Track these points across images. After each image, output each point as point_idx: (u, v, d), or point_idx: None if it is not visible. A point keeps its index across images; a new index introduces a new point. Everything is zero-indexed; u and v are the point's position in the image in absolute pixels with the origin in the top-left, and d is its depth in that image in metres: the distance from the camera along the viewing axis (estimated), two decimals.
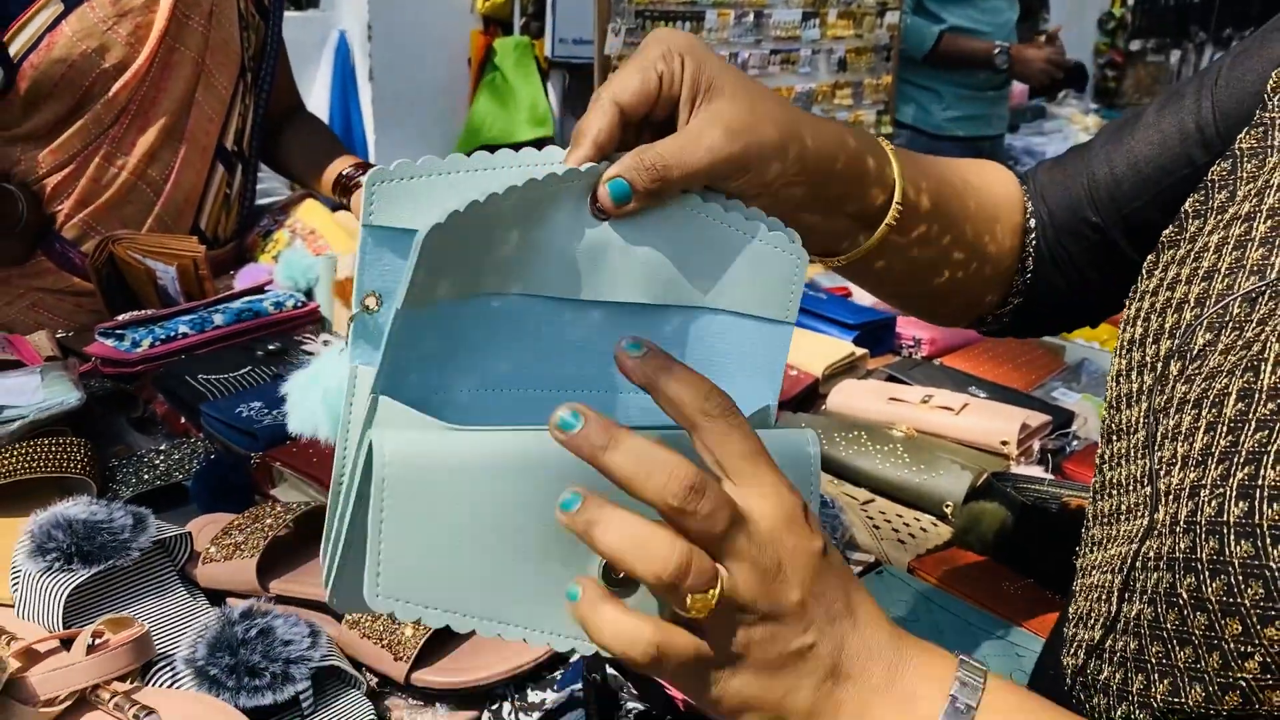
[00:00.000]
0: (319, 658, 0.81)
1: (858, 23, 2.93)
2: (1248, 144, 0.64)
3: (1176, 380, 0.58)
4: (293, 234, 1.71)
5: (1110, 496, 0.64)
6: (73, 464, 1.07)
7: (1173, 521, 0.53)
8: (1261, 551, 0.47)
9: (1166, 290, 0.63)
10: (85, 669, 0.75)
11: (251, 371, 1.30)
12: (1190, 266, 0.62)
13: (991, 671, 0.94)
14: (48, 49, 1.47)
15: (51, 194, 1.56)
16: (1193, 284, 0.61)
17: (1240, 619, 0.48)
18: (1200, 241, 0.62)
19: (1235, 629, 0.49)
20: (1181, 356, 0.59)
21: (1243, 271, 0.58)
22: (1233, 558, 0.49)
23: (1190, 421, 0.55)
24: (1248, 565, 0.48)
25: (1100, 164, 0.75)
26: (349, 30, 4.17)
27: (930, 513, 1.21)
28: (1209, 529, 0.50)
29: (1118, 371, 0.66)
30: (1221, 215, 0.62)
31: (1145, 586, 0.56)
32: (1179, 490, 0.54)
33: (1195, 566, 0.51)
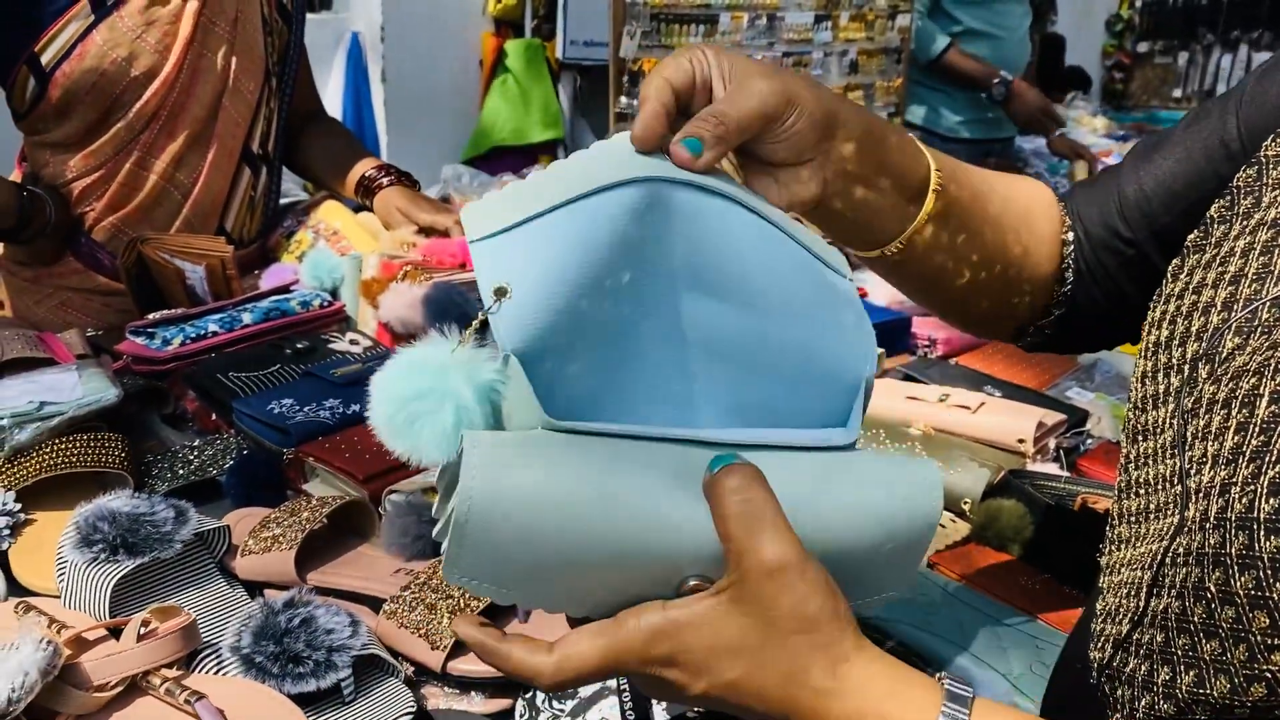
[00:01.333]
0: (360, 646, 0.84)
1: (869, 25, 2.95)
2: (1274, 151, 0.66)
3: (1205, 382, 0.60)
4: (315, 234, 1.73)
5: (1138, 496, 0.65)
6: (111, 459, 1.10)
7: (1202, 518, 0.55)
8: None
9: (1192, 294, 0.65)
10: (136, 655, 0.78)
11: (281, 369, 1.32)
12: (1216, 271, 0.64)
13: (1004, 671, 0.97)
14: (79, 58, 1.50)
15: (80, 196, 1.59)
16: (1219, 288, 0.63)
17: (1268, 612, 0.50)
18: (1226, 246, 0.64)
19: (1263, 622, 0.50)
20: (1210, 360, 0.60)
21: (1270, 277, 0.60)
22: (1262, 552, 0.50)
23: (1220, 422, 0.57)
24: (1276, 560, 0.49)
25: (1130, 182, 0.78)
26: (362, 32, 4.20)
27: (949, 509, 1.23)
28: (1239, 524, 0.52)
29: (1143, 373, 0.67)
30: (1247, 221, 0.64)
31: (1174, 581, 0.57)
32: (1209, 488, 0.55)
33: (1224, 561, 0.52)
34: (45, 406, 1.10)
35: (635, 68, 2.41)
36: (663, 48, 2.45)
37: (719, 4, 2.52)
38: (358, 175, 1.78)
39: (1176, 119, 3.81)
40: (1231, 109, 0.72)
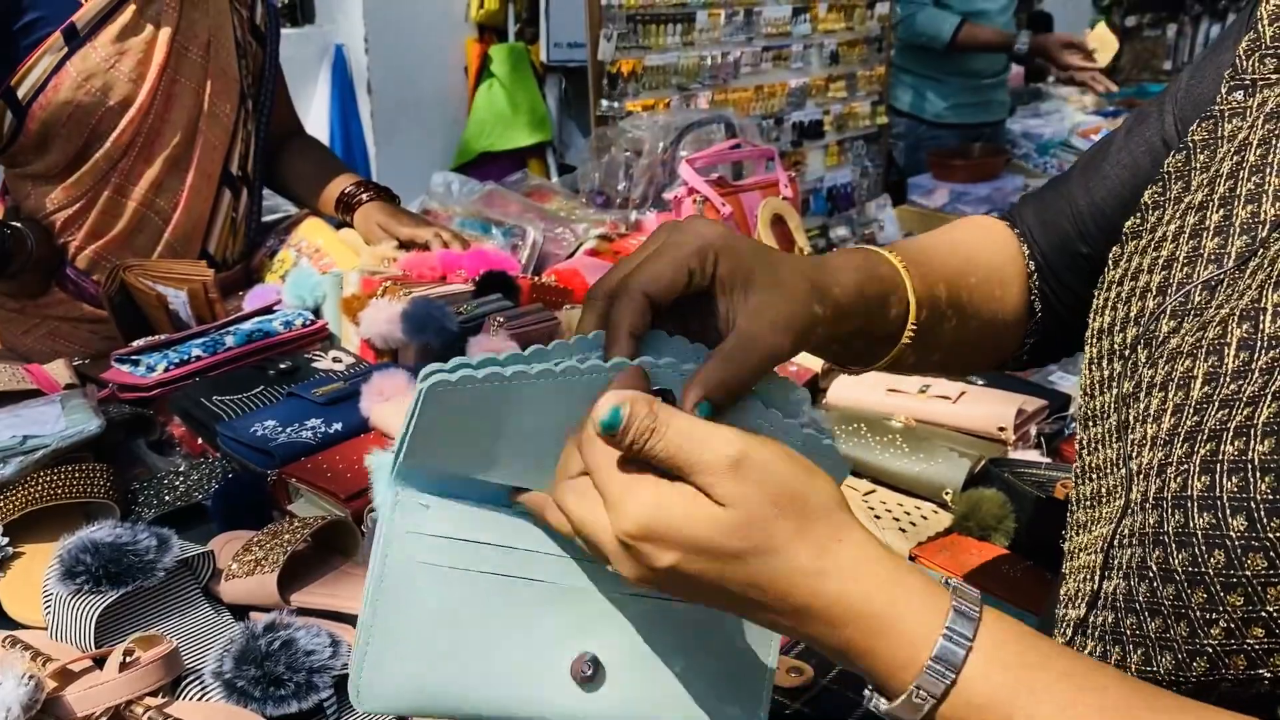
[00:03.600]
0: (340, 666, 0.85)
1: (848, 15, 2.95)
2: (1200, 136, 0.67)
3: (1144, 366, 0.61)
4: (298, 253, 1.74)
5: (1090, 480, 0.66)
6: (96, 489, 1.11)
7: (1142, 499, 0.56)
8: (1222, 522, 0.50)
9: (1130, 280, 0.66)
10: (118, 686, 0.79)
11: (264, 391, 1.33)
12: (1151, 256, 0.65)
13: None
14: (54, 90, 1.51)
15: (62, 227, 1.60)
16: (1154, 273, 0.64)
17: (1204, 587, 0.51)
18: (1159, 231, 0.65)
19: (1200, 597, 0.51)
20: (1148, 344, 0.62)
21: (1200, 260, 0.61)
22: (1196, 529, 0.51)
23: (1158, 404, 0.58)
24: (1210, 536, 0.50)
25: (1081, 194, 0.79)
26: (346, 44, 4.21)
27: (930, 500, 1.24)
28: (1174, 503, 0.53)
29: (1089, 360, 0.68)
30: (1178, 205, 0.65)
31: (1121, 563, 0.58)
32: (1148, 469, 0.56)
33: (1163, 540, 0.53)
34: (28, 440, 1.11)
35: (614, 69, 2.41)
36: (640, 48, 2.46)
37: (696, 3, 2.53)
38: (337, 192, 1.79)
39: None
40: (1169, 107, 0.73)
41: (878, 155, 3.21)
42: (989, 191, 3.09)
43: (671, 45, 2.51)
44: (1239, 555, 0.49)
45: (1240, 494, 0.50)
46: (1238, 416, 0.52)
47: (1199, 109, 0.69)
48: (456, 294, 1.46)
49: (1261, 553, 0.48)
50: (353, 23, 4.17)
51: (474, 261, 1.55)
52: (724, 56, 2.66)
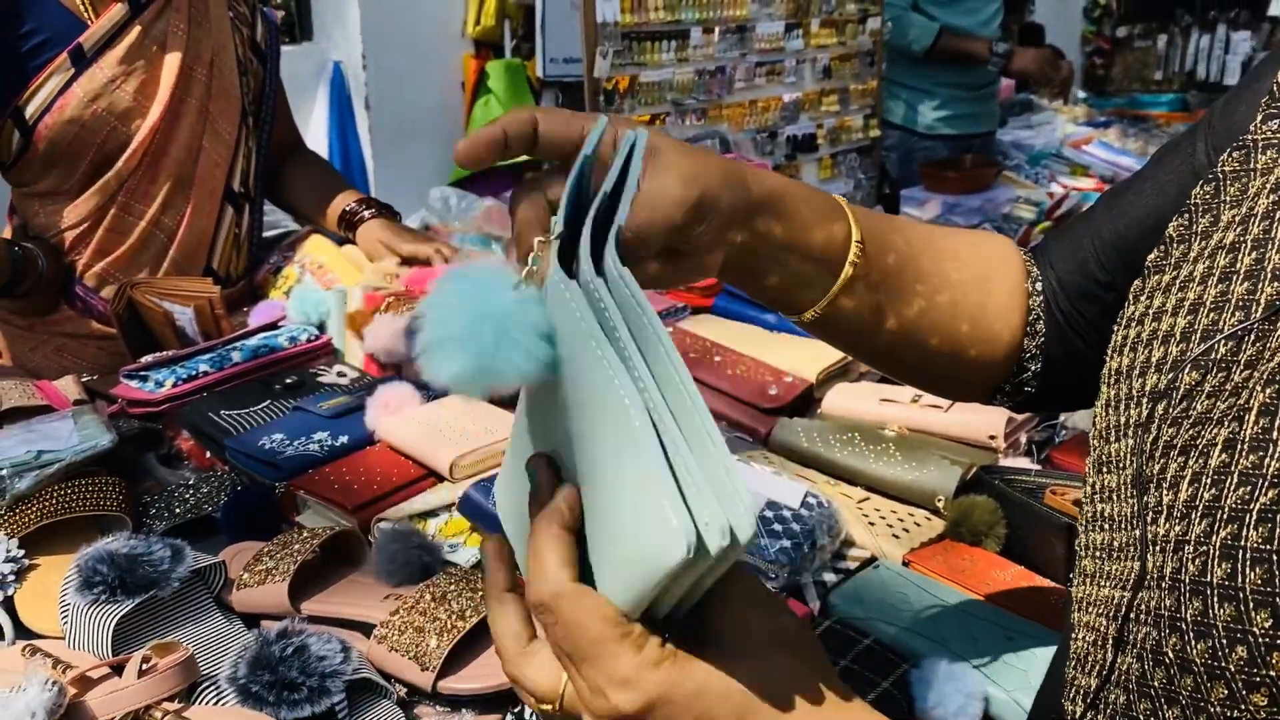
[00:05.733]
0: (351, 671, 0.88)
1: (840, 30, 2.99)
2: (1230, 167, 0.64)
3: (1163, 422, 0.57)
4: (302, 269, 1.77)
5: (1102, 530, 0.63)
6: (109, 502, 1.14)
7: (1159, 576, 0.53)
8: (1245, 616, 0.47)
9: (1153, 321, 0.62)
10: (137, 691, 0.81)
11: (271, 405, 1.36)
12: (1176, 297, 0.61)
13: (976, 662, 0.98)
14: (61, 110, 1.54)
15: (70, 245, 1.63)
16: (1179, 316, 0.60)
17: (1225, 683, 0.48)
18: (1185, 270, 0.62)
19: (1221, 693, 0.48)
20: (1168, 396, 0.58)
21: (1228, 307, 0.57)
22: (1216, 620, 0.48)
23: (1176, 469, 0.55)
24: (1231, 629, 0.48)
25: (1105, 224, 0.75)
26: (344, 61, 4.25)
27: (923, 507, 1.27)
28: (1193, 589, 0.50)
29: (1105, 401, 0.65)
30: (1206, 241, 0.61)
31: (1136, 640, 0.56)
32: (1165, 543, 0.53)
33: (1180, 627, 0.51)
34: (43, 455, 1.13)
35: (610, 86, 2.45)
36: (636, 64, 2.49)
37: (689, 19, 2.57)
38: (339, 209, 1.82)
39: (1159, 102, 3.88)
40: (1201, 136, 0.70)
41: (870, 167, 3.24)
42: (980, 203, 3.12)
43: (666, 61, 2.55)
44: (1263, 653, 0.46)
45: (1265, 587, 0.47)
46: (1262, 498, 0.48)
47: (1232, 138, 0.65)
48: None
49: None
50: (350, 40, 4.21)
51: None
52: (719, 71, 2.70)
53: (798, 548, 1.11)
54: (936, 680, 0.95)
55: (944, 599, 1.10)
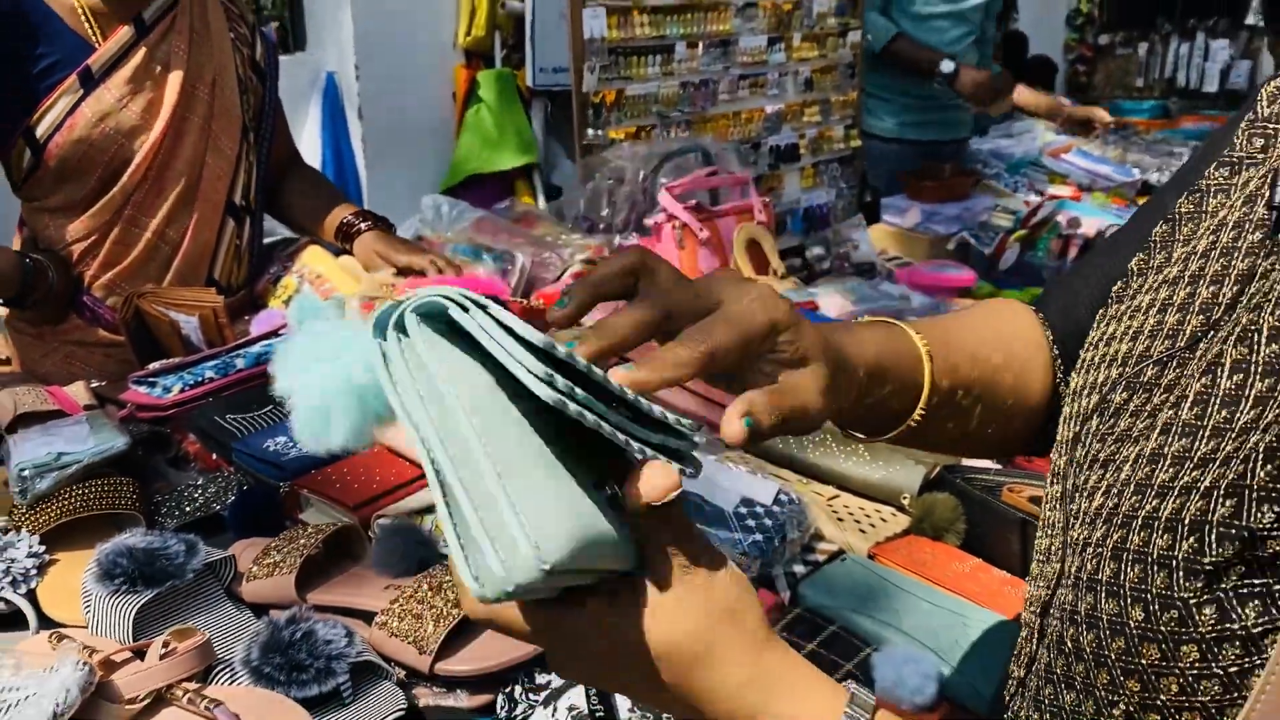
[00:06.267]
0: (355, 654, 0.95)
1: (821, 44, 3.07)
2: (1186, 208, 0.69)
3: (1092, 437, 0.63)
4: (300, 279, 1.85)
5: (1045, 536, 0.67)
6: (123, 501, 1.21)
7: (1072, 574, 0.59)
8: (1124, 611, 0.53)
9: (1105, 345, 0.67)
10: (160, 671, 0.89)
11: (273, 410, 1.43)
12: (1125, 324, 0.66)
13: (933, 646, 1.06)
14: (70, 129, 1.62)
15: (79, 257, 1.71)
16: (1122, 342, 0.65)
17: (1107, 670, 0.54)
18: (1136, 300, 0.67)
19: (1104, 679, 0.54)
20: (1100, 414, 0.63)
21: (1160, 335, 0.62)
22: (1103, 614, 0.54)
23: (1094, 481, 0.60)
24: (1113, 622, 0.53)
25: (1094, 278, 0.78)
26: (337, 70, 4.31)
27: (889, 504, 1.35)
28: (1088, 586, 0.56)
29: (1063, 417, 0.69)
30: (1158, 275, 0.66)
31: (1050, 633, 0.61)
32: (1076, 546, 0.59)
33: (1077, 620, 0.57)
34: (62, 457, 1.21)
35: (597, 99, 2.53)
36: (622, 79, 2.57)
37: (674, 34, 2.64)
38: (337, 221, 1.89)
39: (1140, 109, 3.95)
40: (1174, 189, 0.73)
41: (852, 176, 3.33)
42: (959, 211, 3.20)
43: (652, 75, 2.62)
44: (1136, 644, 0.52)
45: (1140, 585, 0.52)
46: (1146, 507, 0.54)
47: None
48: None
49: (1156, 644, 0.51)
50: (344, 50, 4.28)
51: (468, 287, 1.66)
52: (703, 84, 2.77)
53: (769, 541, 1.19)
54: (895, 663, 1.03)
55: (906, 589, 1.18)
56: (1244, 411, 0.53)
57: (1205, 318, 0.60)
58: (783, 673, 0.57)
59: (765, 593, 1.17)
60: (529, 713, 0.96)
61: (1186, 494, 0.52)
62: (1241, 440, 0.51)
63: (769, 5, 2.87)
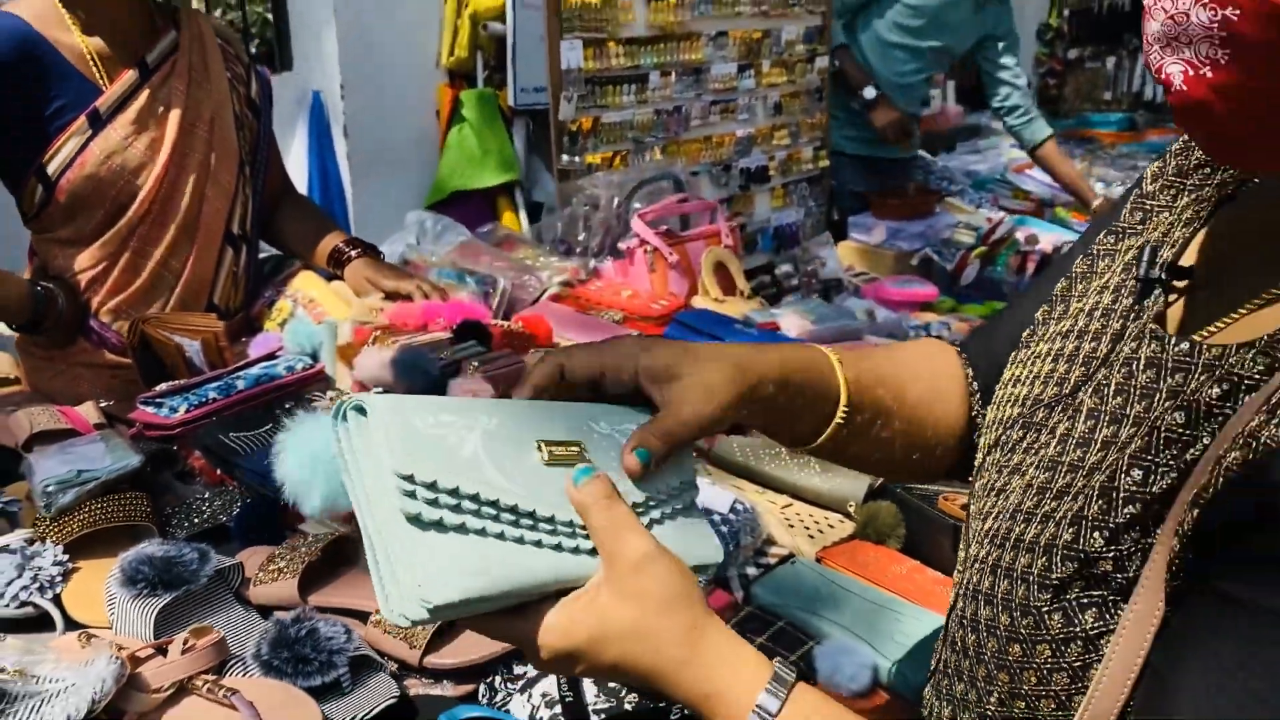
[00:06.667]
0: (353, 649, 1.08)
1: (790, 69, 3.21)
2: (1080, 269, 0.78)
3: (992, 467, 0.73)
4: (294, 303, 1.97)
5: (962, 549, 0.77)
6: (138, 514, 1.33)
7: (966, 586, 0.70)
8: (995, 617, 0.65)
9: (1011, 386, 0.77)
10: (182, 665, 1.01)
11: (273, 428, 1.55)
12: (1026, 368, 0.76)
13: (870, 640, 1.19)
14: (80, 167, 1.73)
15: (87, 285, 1.82)
16: (1022, 385, 0.75)
17: (984, 665, 0.66)
18: (1036, 348, 0.77)
19: (982, 672, 0.65)
20: (1000, 447, 0.74)
21: (1052, 381, 0.72)
22: (981, 619, 0.66)
23: (989, 506, 0.70)
24: (990, 626, 0.65)
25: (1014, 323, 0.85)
26: (323, 90, 4.41)
27: (837, 512, 1.48)
28: (972, 595, 0.68)
29: (979, 447, 0.79)
30: (1055, 327, 0.77)
31: (950, 634, 0.73)
32: (971, 560, 0.70)
33: (964, 623, 0.68)
34: (82, 474, 1.32)
35: (574, 127, 2.66)
36: (598, 107, 2.70)
37: (648, 64, 2.78)
38: (328, 248, 2.02)
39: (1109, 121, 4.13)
40: (1079, 246, 0.83)
41: (820, 196, 3.47)
42: (923, 228, 3.35)
43: (627, 103, 2.76)
44: (1004, 644, 0.64)
45: (1008, 596, 0.64)
46: (1018, 530, 0.65)
47: None
48: (437, 341, 1.70)
49: (1019, 644, 0.63)
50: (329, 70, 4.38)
51: (452, 311, 1.78)
52: (676, 110, 2.91)
53: (724, 547, 1.32)
54: (834, 654, 1.16)
55: (847, 589, 1.31)
56: (1092, 453, 0.65)
57: (1085, 369, 0.70)
58: (717, 654, 0.66)
59: (721, 593, 1.30)
60: (508, 699, 1.08)
61: (1045, 521, 0.64)
62: (1087, 478, 0.63)
63: (739, 35, 3.01)
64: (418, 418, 0.66)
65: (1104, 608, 0.60)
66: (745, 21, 3.02)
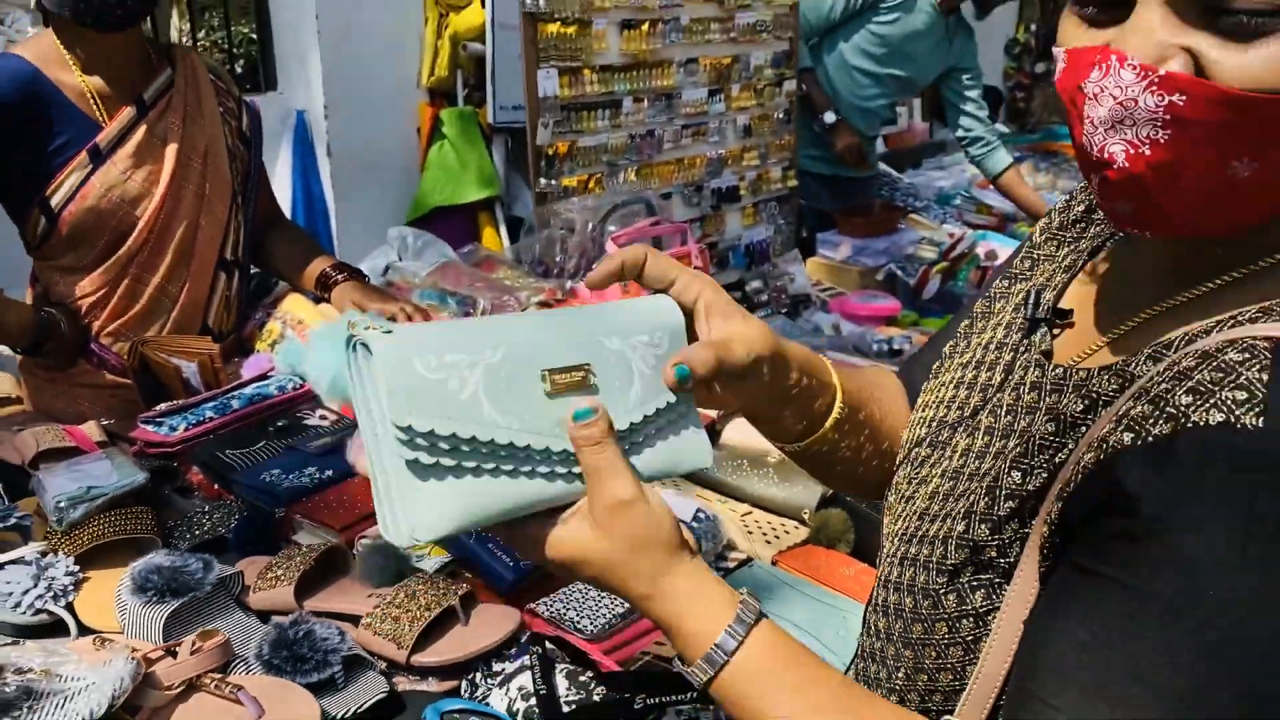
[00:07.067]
0: (347, 649, 1.18)
1: (759, 93, 3.33)
2: (981, 308, 0.89)
3: (903, 480, 0.83)
4: (283, 324, 2.07)
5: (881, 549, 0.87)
6: (143, 527, 1.44)
7: (881, 577, 0.81)
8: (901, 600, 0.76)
9: (924, 409, 0.86)
10: (192, 664, 1.12)
11: (267, 445, 1.66)
12: (936, 394, 0.86)
13: (816, 634, 1.30)
14: (82, 199, 1.84)
15: (88, 310, 1.92)
16: (932, 408, 0.85)
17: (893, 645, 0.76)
18: (945, 376, 0.87)
19: (890, 651, 0.75)
20: (911, 461, 0.83)
21: (953, 407, 0.82)
22: (890, 603, 0.77)
23: (901, 510, 0.81)
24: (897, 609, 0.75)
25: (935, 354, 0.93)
26: (307, 109, 4.51)
27: (793, 518, 1.60)
28: (883, 584, 0.79)
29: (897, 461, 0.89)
30: (961, 358, 0.86)
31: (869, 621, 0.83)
32: (886, 556, 0.81)
33: (878, 609, 0.79)
34: (92, 490, 1.43)
35: (551, 151, 2.77)
36: (574, 132, 2.82)
37: (621, 91, 2.89)
38: (316, 272, 2.12)
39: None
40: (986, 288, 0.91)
41: (789, 214, 3.59)
42: (887, 244, 3.49)
43: (601, 128, 2.87)
44: (909, 624, 0.74)
45: (911, 582, 0.75)
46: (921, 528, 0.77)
47: None
48: None
49: (920, 623, 0.73)
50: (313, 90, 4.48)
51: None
52: (649, 134, 3.02)
53: None
54: None
55: (800, 589, 1.43)
56: (985, 463, 0.76)
57: (983, 395, 0.80)
58: (682, 595, 0.72)
59: None
60: (487, 693, 1.20)
61: (945, 519, 0.76)
62: (979, 482, 0.75)
63: (709, 61, 3.13)
64: (420, 360, 0.69)
65: (990, 589, 0.71)
66: (715, 48, 3.14)
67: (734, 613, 0.71)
